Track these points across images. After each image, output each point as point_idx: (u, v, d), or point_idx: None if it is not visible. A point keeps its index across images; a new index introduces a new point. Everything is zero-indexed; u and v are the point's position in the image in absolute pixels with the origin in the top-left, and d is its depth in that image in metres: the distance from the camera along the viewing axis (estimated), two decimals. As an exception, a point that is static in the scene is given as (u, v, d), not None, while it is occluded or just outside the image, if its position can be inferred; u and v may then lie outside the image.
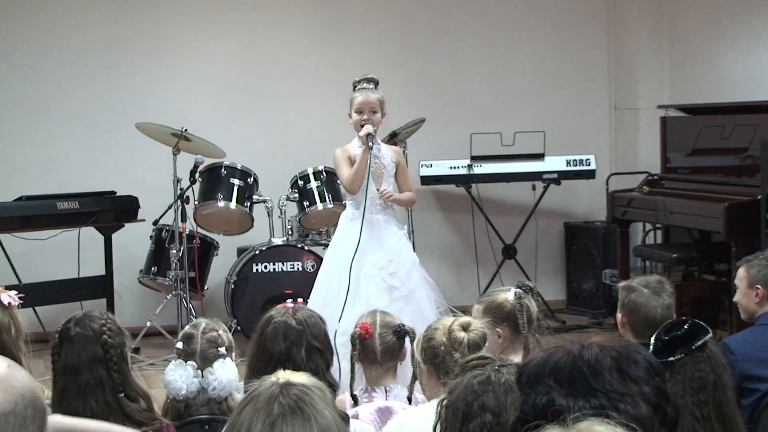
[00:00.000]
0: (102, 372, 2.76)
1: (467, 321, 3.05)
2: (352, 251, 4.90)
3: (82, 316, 2.86)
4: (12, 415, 1.54)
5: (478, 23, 7.79)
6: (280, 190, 6.59)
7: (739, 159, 6.41)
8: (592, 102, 8.01)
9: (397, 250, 5.03)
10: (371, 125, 5.00)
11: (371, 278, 4.91)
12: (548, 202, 7.62)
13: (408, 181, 5.29)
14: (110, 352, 2.78)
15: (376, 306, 4.67)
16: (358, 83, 5.18)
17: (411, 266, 5.03)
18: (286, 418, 1.70)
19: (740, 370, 3.42)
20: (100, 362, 2.77)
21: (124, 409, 2.75)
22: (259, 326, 3.13)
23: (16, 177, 6.93)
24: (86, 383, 2.75)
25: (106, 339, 2.79)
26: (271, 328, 3.06)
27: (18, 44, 7.06)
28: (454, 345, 2.96)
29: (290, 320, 3.09)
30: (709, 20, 7.27)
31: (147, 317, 6.46)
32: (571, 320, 7.39)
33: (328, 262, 5.14)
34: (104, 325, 2.82)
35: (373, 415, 3.15)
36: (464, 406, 2.18)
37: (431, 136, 7.19)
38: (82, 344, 2.79)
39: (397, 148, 5.34)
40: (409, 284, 4.96)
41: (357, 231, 4.93)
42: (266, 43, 7.45)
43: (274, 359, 2.97)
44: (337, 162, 5.14)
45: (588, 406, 1.54)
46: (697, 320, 2.68)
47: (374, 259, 4.93)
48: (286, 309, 3.16)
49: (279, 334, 3.05)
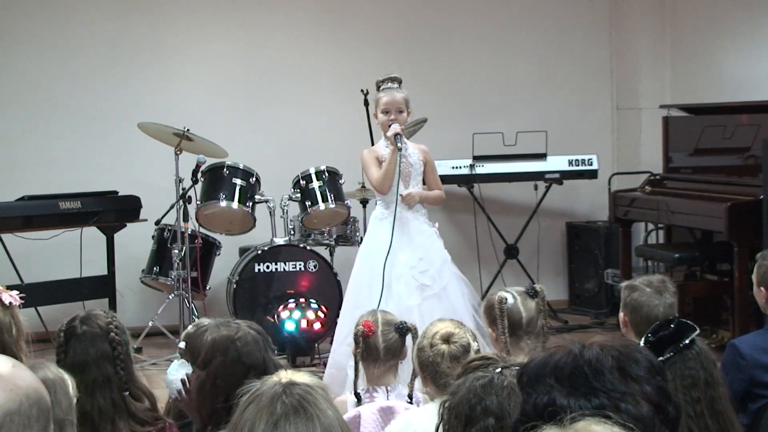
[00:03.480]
0: (109, 369, 2.78)
1: (449, 332, 3.04)
2: (382, 251, 4.90)
3: (87, 315, 2.88)
4: (17, 414, 1.54)
5: (480, 23, 7.79)
6: (282, 190, 6.59)
7: (741, 159, 6.40)
8: (594, 102, 8.01)
9: (426, 247, 5.02)
10: (398, 124, 4.98)
11: (401, 278, 4.90)
12: (550, 201, 7.62)
13: (437, 179, 5.29)
14: (117, 349, 2.80)
15: (408, 306, 4.70)
16: (382, 83, 5.12)
17: (442, 264, 5.02)
18: (290, 418, 1.70)
19: (750, 375, 3.41)
20: (108, 359, 2.79)
21: (129, 408, 2.76)
22: (210, 350, 2.68)
23: (18, 177, 6.93)
24: (94, 380, 2.76)
25: (114, 336, 2.81)
26: (241, 344, 2.66)
27: (19, 44, 7.06)
28: (436, 357, 2.99)
29: (251, 332, 2.73)
30: (711, 20, 7.27)
31: (149, 317, 6.47)
32: (573, 320, 7.39)
33: (360, 264, 5.10)
34: (110, 323, 2.84)
35: (375, 414, 3.15)
36: (467, 409, 2.17)
37: (433, 136, 7.17)
38: (90, 341, 2.81)
39: (424, 147, 5.28)
40: (440, 282, 4.94)
41: (387, 231, 4.93)
42: (269, 43, 7.46)
43: (251, 371, 2.60)
44: (366, 163, 5.12)
45: (589, 405, 1.55)
46: (683, 319, 2.70)
47: (404, 258, 4.93)
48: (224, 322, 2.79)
49: (249, 345, 2.67)
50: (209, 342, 2.67)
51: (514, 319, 3.44)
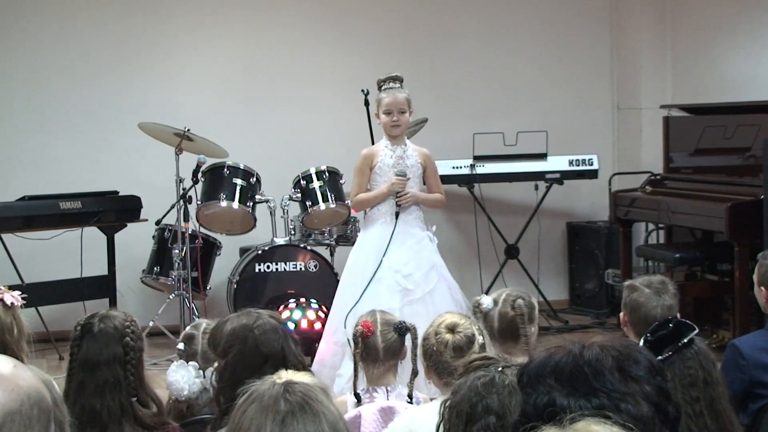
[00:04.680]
0: (120, 372, 2.77)
1: (454, 322, 3.10)
2: (372, 252, 4.90)
3: (107, 314, 2.88)
4: (18, 414, 1.54)
5: (480, 23, 7.79)
6: (282, 190, 6.59)
7: (741, 159, 6.41)
8: (594, 102, 8.01)
9: (415, 251, 4.98)
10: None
11: (383, 280, 4.88)
12: (551, 202, 7.62)
13: (438, 182, 5.26)
14: (130, 354, 2.79)
15: (389, 309, 4.71)
16: (384, 83, 5.06)
17: (430, 269, 4.97)
18: (296, 414, 1.69)
19: (750, 375, 3.41)
20: (119, 362, 2.78)
21: (136, 413, 2.76)
22: (230, 338, 2.77)
23: (19, 177, 6.93)
24: (105, 381, 2.76)
25: (128, 341, 2.81)
26: (258, 332, 2.76)
27: (20, 44, 7.06)
28: (440, 346, 3.02)
29: (271, 320, 2.85)
30: (711, 20, 7.27)
31: (149, 317, 6.47)
32: (574, 320, 7.39)
33: (350, 266, 5.10)
34: (128, 327, 2.84)
35: (375, 414, 3.15)
36: (468, 407, 2.18)
37: (434, 136, 7.17)
38: (104, 341, 2.81)
39: (425, 151, 5.21)
40: (425, 287, 4.90)
41: (378, 233, 4.93)
42: (269, 43, 7.46)
43: (269, 360, 2.74)
44: (357, 168, 5.11)
45: (589, 405, 1.55)
46: (682, 319, 2.70)
47: (388, 261, 4.91)
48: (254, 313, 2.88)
49: (267, 334, 2.79)
50: (229, 331, 2.74)
51: (490, 324, 3.47)
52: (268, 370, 2.17)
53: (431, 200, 5.21)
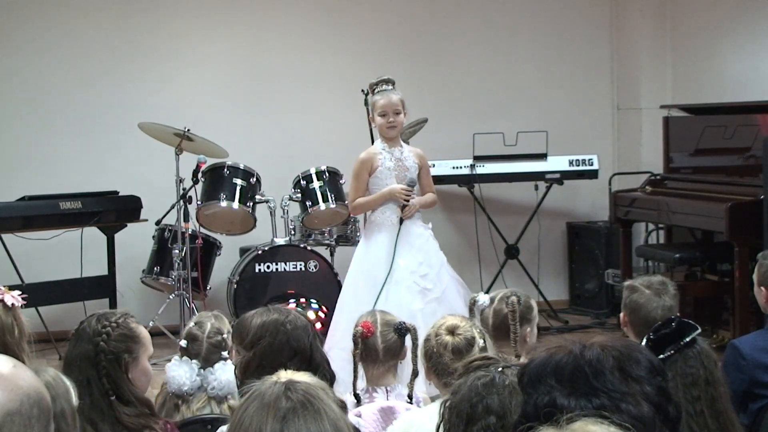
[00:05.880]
0: (91, 372, 2.75)
1: (455, 324, 3.10)
2: (378, 257, 4.90)
3: (100, 314, 2.86)
4: (17, 414, 1.54)
5: (480, 23, 7.79)
6: (282, 190, 6.60)
7: (741, 159, 6.41)
8: (594, 102, 8.01)
9: (425, 251, 5.03)
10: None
11: (402, 282, 4.89)
12: (551, 202, 7.62)
13: (430, 182, 5.31)
14: (100, 355, 2.75)
15: (412, 310, 4.71)
16: (377, 85, 5.10)
17: (440, 267, 5.04)
18: (297, 412, 1.69)
19: (751, 376, 3.41)
20: (89, 362, 2.75)
21: (117, 413, 2.73)
22: (260, 331, 2.80)
23: (19, 177, 6.93)
24: (77, 380, 2.75)
25: (99, 341, 2.77)
26: (290, 327, 2.78)
27: (21, 44, 7.06)
28: (440, 348, 3.02)
29: (302, 317, 2.86)
30: (711, 20, 7.26)
31: (149, 317, 6.46)
32: (574, 320, 7.39)
33: (355, 270, 5.10)
34: (106, 326, 2.80)
35: (375, 415, 3.15)
36: (468, 407, 2.18)
37: (434, 136, 7.18)
38: (79, 341, 2.80)
39: (419, 151, 5.29)
40: (440, 285, 4.96)
41: (384, 238, 4.93)
42: (269, 43, 7.46)
43: (297, 355, 2.74)
44: (354, 172, 5.12)
45: (590, 405, 1.55)
46: (684, 319, 2.70)
47: (404, 262, 4.92)
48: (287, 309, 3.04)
49: (299, 330, 2.80)
50: (258, 324, 2.74)
51: (485, 322, 3.48)
52: (294, 366, 2.17)
53: (429, 202, 5.29)
